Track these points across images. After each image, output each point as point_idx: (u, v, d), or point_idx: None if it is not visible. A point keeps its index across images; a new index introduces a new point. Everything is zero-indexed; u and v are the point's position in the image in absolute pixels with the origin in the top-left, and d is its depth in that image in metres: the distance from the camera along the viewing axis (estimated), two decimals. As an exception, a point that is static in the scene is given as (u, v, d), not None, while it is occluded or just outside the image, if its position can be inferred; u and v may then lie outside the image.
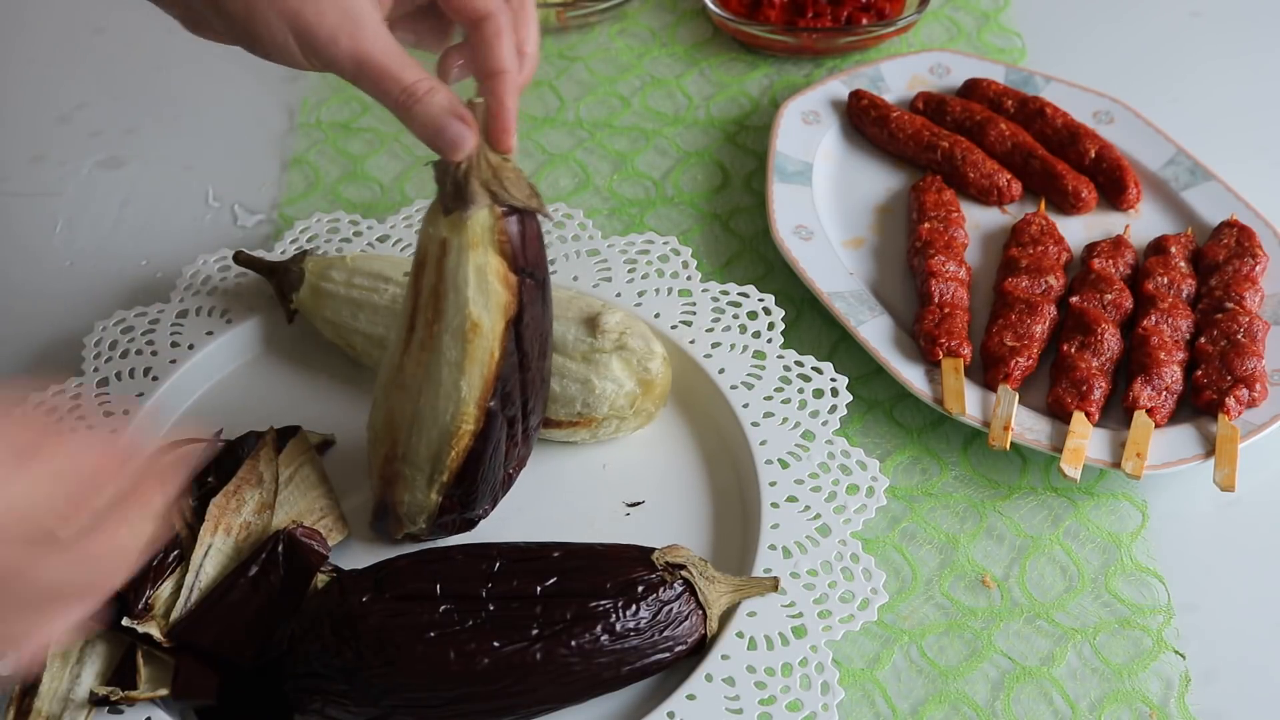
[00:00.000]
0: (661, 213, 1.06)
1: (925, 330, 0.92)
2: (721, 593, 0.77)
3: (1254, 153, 1.09)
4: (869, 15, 1.17)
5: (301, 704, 0.74)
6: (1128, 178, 1.03)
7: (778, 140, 1.06)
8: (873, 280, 0.99)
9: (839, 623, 0.77)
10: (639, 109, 1.15)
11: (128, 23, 1.24)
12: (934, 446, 0.90)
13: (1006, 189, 1.04)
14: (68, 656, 0.75)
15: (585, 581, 0.74)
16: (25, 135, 1.15)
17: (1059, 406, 0.88)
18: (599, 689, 0.74)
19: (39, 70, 1.21)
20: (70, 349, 0.94)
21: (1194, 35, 1.22)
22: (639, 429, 0.88)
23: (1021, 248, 0.98)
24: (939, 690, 0.78)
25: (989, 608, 0.82)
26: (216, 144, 1.13)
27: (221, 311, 0.94)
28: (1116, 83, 1.13)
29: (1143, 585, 0.83)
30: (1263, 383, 0.89)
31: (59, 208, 1.08)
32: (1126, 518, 0.86)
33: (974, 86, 1.11)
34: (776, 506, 0.82)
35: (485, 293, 0.72)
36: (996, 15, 1.23)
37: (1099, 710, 0.77)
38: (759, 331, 0.92)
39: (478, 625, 0.72)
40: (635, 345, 0.86)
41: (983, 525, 0.86)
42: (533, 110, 1.15)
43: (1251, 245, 0.97)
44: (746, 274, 1.01)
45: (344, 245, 0.99)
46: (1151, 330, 0.92)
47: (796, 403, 0.88)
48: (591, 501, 0.86)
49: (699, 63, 1.20)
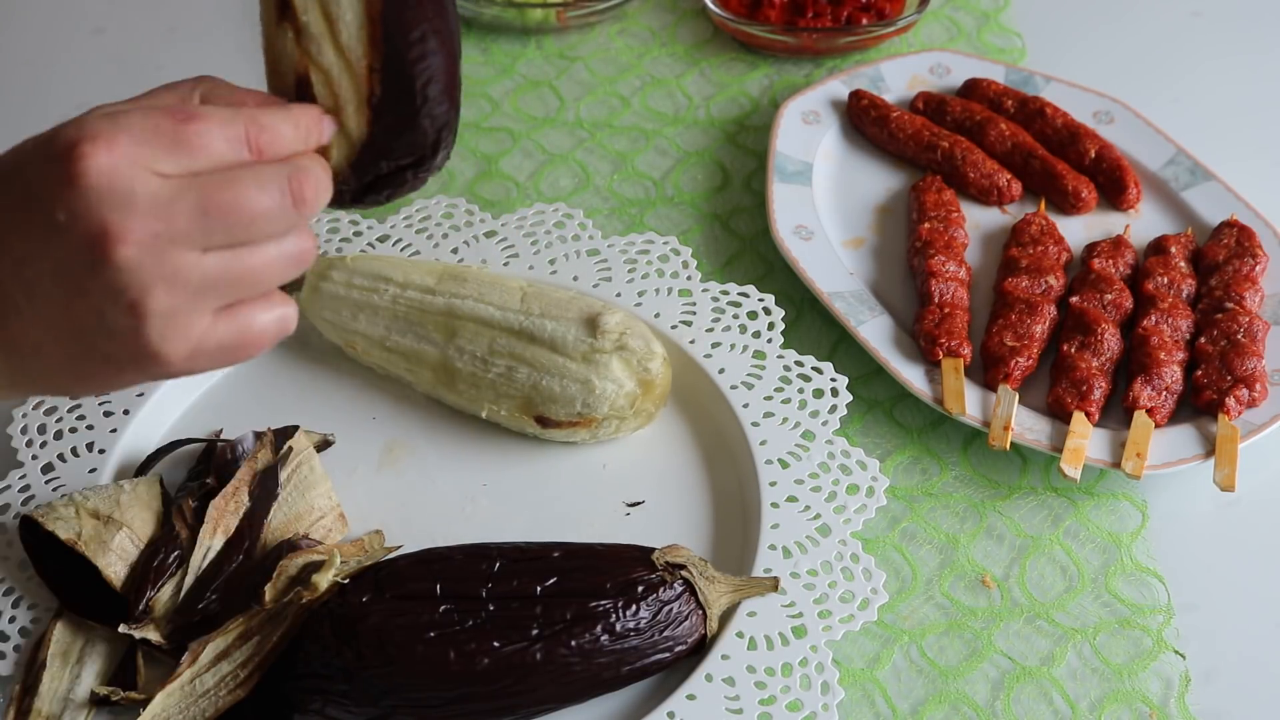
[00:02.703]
0: (661, 213, 1.06)
1: (925, 330, 0.92)
2: (721, 593, 0.77)
3: (1254, 153, 1.09)
4: (869, 15, 1.17)
5: (301, 704, 0.74)
6: (1128, 178, 1.03)
7: (778, 140, 1.06)
8: (873, 280, 0.99)
9: (839, 623, 0.77)
10: (639, 109, 1.15)
11: (128, 23, 1.24)
12: (934, 446, 0.90)
13: (1006, 189, 1.04)
14: (68, 656, 0.75)
15: (585, 581, 0.74)
16: (25, 135, 1.14)
17: (1059, 406, 0.88)
18: (599, 689, 0.74)
19: (39, 70, 1.20)
20: (70, 349, 0.94)
21: (1194, 35, 1.22)
22: (639, 429, 0.88)
23: (1021, 248, 0.98)
24: (939, 690, 0.78)
25: (989, 608, 0.82)
26: (216, 144, 1.13)
27: (221, 311, 0.94)
28: (1116, 83, 1.13)
29: (1143, 585, 0.83)
30: (1263, 383, 0.89)
31: (59, 208, 1.08)
32: (1126, 518, 0.86)
33: (974, 86, 1.11)
34: (776, 506, 0.82)
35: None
36: (996, 15, 1.23)
37: (1099, 710, 0.77)
38: (759, 331, 0.92)
39: (478, 625, 0.72)
40: (635, 345, 0.86)
41: (983, 525, 0.86)
42: (533, 110, 1.15)
43: (1251, 245, 0.97)
44: (746, 274, 1.01)
45: (344, 245, 0.99)
46: (1151, 330, 0.92)
47: (796, 403, 0.88)
48: (591, 501, 0.86)
49: (699, 63, 1.20)
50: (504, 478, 0.87)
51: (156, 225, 0.56)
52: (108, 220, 0.55)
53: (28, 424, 0.87)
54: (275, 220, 0.59)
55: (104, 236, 0.55)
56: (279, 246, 0.60)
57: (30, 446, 0.86)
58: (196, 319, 0.58)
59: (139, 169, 0.56)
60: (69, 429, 0.87)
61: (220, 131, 0.59)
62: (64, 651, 0.76)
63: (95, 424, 0.87)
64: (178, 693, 0.72)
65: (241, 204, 0.58)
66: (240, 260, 0.58)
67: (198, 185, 0.57)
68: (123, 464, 0.86)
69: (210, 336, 0.58)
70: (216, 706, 0.72)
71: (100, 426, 0.87)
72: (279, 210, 0.59)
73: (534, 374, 0.86)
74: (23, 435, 0.87)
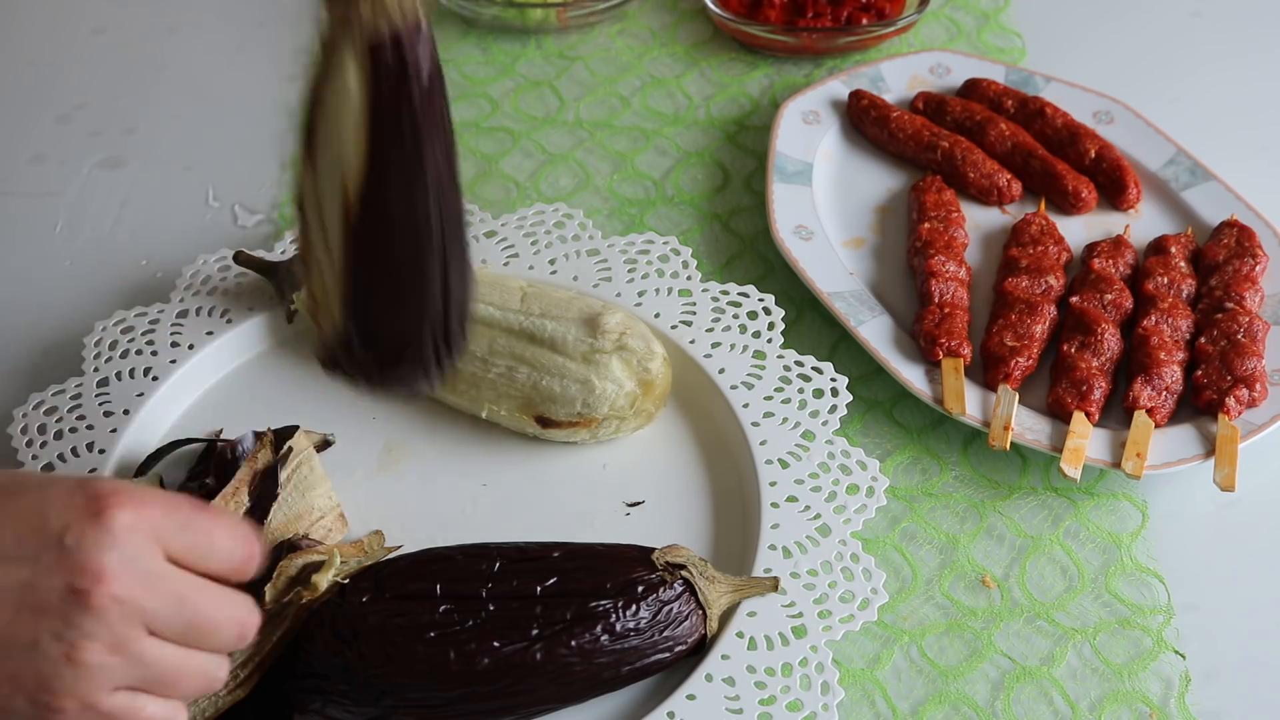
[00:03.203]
0: (661, 213, 1.06)
1: (925, 330, 0.92)
2: (721, 593, 0.77)
3: (1254, 153, 1.10)
4: (869, 15, 1.17)
5: (301, 704, 0.74)
6: (1128, 178, 1.03)
7: (778, 140, 1.06)
8: (873, 280, 0.99)
9: (839, 623, 0.77)
10: (639, 109, 1.15)
11: (128, 23, 1.24)
12: (934, 446, 0.90)
13: (1006, 189, 1.04)
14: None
15: (585, 581, 0.74)
16: (25, 135, 1.15)
17: (1059, 406, 0.88)
18: (599, 689, 0.74)
19: (39, 70, 1.21)
20: (70, 349, 0.94)
21: (1194, 35, 1.22)
22: (639, 429, 0.88)
23: (1021, 248, 0.98)
24: (939, 690, 0.78)
25: (989, 608, 0.82)
26: (216, 144, 1.13)
27: (221, 311, 0.94)
28: (1116, 83, 1.13)
29: (1143, 585, 0.83)
30: (1263, 383, 0.89)
31: (59, 208, 1.08)
32: (1126, 518, 0.86)
33: (974, 86, 1.11)
34: (776, 506, 0.82)
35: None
36: (996, 15, 1.23)
37: (1099, 710, 0.77)
38: (759, 331, 0.92)
39: (478, 625, 0.72)
40: (635, 345, 0.86)
41: (983, 525, 0.86)
42: (533, 110, 1.15)
43: (1251, 245, 0.97)
44: (746, 274, 1.01)
45: (344, 245, 0.99)
46: (1151, 330, 0.92)
47: (796, 403, 0.88)
48: (591, 501, 0.86)
49: (699, 63, 1.20)
50: (504, 478, 0.87)
51: (137, 592, 0.59)
52: (108, 566, 0.59)
53: (28, 424, 0.87)
54: (222, 635, 0.63)
55: (99, 577, 0.58)
56: (205, 661, 0.63)
57: (30, 446, 0.86)
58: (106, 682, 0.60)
59: (150, 538, 0.60)
60: (69, 429, 0.87)
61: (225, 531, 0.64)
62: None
63: (95, 424, 0.87)
64: None
65: (206, 609, 0.62)
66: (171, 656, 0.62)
67: (181, 577, 0.61)
68: (123, 464, 0.86)
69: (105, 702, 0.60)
70: (217, 706, 0.72)
71: (100, 426, 0.87)
72: (229, 628, 0.63)
73: (534, 374, 0.86)
74: (23, 435, 0.87)
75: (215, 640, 0.63)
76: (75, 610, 0.58)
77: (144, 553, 0.60)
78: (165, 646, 0.61)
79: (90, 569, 0.58)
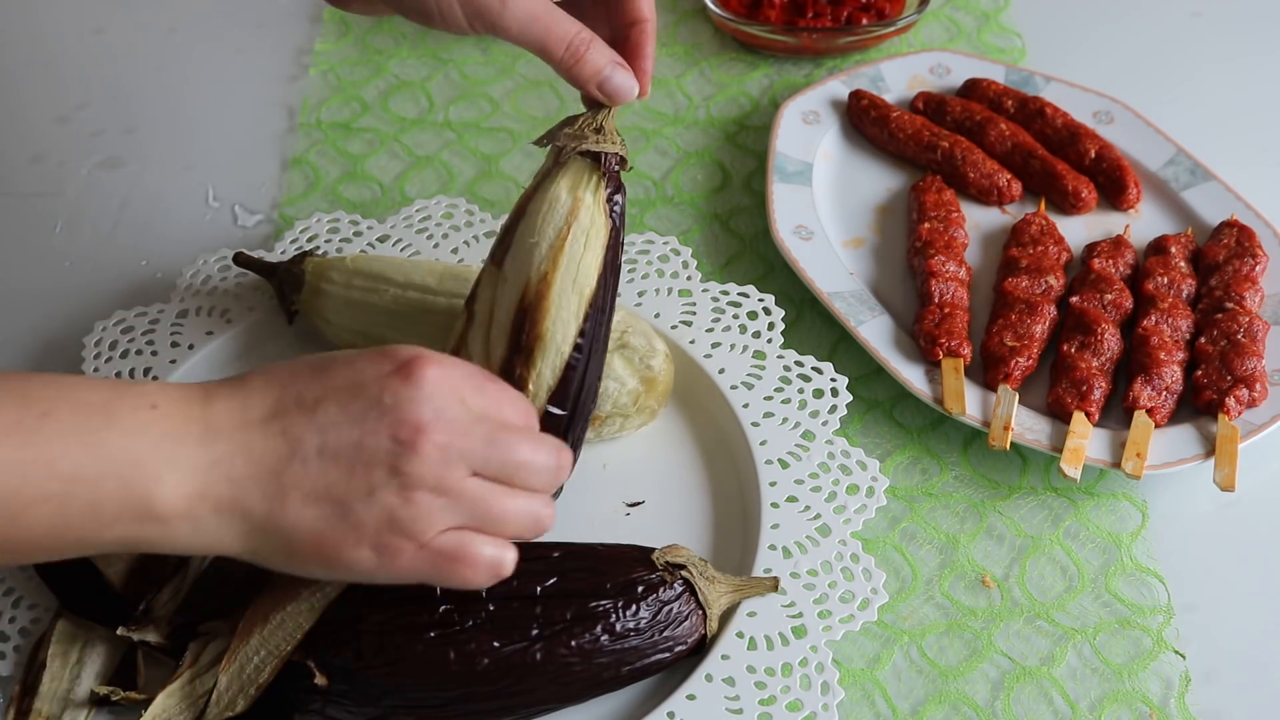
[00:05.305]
0: (661, 213, 1.06)
1: (925, 330, 0.92)
2: (721, 593, 0.77)
3: (1254, 153, 1.10)
4: (869, 15, 1.17)
5: (301, 704, 0.74)
6: (1128, 178, 1.03)
7: (778, 140, 1.06)
8: (873, 280, 0.99)
9: (839, 623, 0.77)
10: (639, 109, 1.15)
11: (128, 23, 1.24)
12: (934, 446, 0.90)
13: (1006, 189, 1.04)
14: (68, 656, 0.75)
15: (585, 581, 0.74)
16: (25, 135, 1.15)
17: (1059, 406, 0.88)
18: (599, 689, 0.74)
19: (39, 70, 1.21)
20: (70, 349, 0.94)
21: (1194, 36, 1.22)
22: (642, 426, 0.88)
23: (1021, 248, 0.98)
24: (939, 690, 0.78)
25: (989, 608, 0.82)
26: (216, 144, 1.13)
27: (221, 311, 0.94)
28: (1116, 83, 1.13)
29: (1143, 585, 0.83)
30: (1263, 383, 0.89)
31: (59, 208, 1.08)
32: (1126, 518, 0.86)
33: (974, 86, 1.11)
34: (776, 506, 0.82)
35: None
36: (996, 15, 1.23)
37: (1099, 710, 0.77)
38: (759, 331, 0.92)
39: (478, 625, 0.72)
40: (637, 343, 0.86)
41: (983, 525, 0.86)
42: (533, 110, 1.15)
43: (1251, 245, 0.97)
44: (746, 274, 1.01)
45: (344, 245, 0.99)
46: (1151, 330, 0.92)
47: (796, 403, 0.88)
48: (591, 501, 0.86)
49: (699, 63, 1.20)
50: (504, 478, 0.87)
51: (454, 437, 0.65)
52: (425, 417, 0.64)
53: (28, 424, 0.87)
54: (539, 474, 0.68)
55: (419, 428, 0.64)
56: (529, 501, 0.68)
57: (30, 446, 0.86)
58: (438, 521, 0.65)
59: (455, 393, 0.66)
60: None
61: (511, 400, 0.69)
62: (64, 651, 0.76)
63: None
64: (178, 693, 0.72)
65: (519, 449, 0.67)
66: (495, 494, 0.67)
67: (490, 421, 0.67)
68: (123, 464, 0.86)
69: (437, 541, 0.66)
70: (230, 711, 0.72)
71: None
72: (545, 467, 0.68)
73: (534, 374, 0.86)
74: (23, 435, 0.87)
75: (534, 479, 0.68)
76: (402, 459, 0.64)
77: (452, 403, 0.65)
78: (488, 485, 0.66)
79: (410, 420, 0.64)
